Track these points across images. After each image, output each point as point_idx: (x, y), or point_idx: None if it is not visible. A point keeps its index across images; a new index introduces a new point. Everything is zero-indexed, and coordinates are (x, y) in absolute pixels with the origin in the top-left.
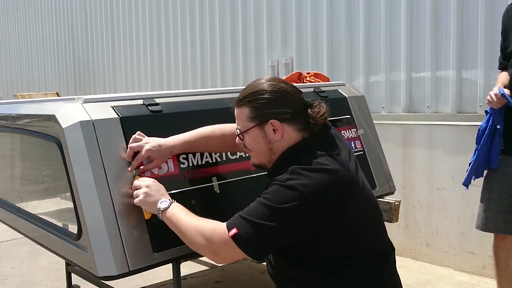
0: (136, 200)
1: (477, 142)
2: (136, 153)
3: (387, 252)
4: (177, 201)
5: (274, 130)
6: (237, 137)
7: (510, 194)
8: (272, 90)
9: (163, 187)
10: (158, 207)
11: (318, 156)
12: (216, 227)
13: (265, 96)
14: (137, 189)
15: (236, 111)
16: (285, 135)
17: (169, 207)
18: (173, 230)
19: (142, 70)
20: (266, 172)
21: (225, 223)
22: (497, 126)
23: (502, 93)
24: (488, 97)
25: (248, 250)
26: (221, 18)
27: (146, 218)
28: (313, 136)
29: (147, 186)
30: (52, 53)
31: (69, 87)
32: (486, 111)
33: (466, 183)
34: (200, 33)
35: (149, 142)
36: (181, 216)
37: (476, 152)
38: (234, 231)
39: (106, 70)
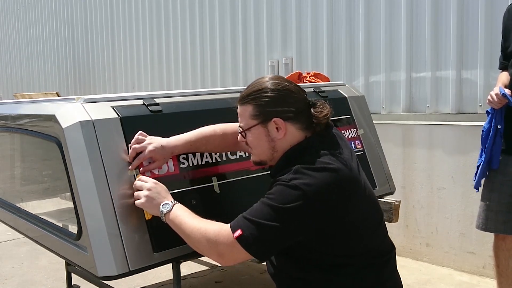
0: (137, 203)
1: (483, 144)
2: (138, 152)
3: (388, 252)
4: (177, 201)
5: (277, 128)
6: (240, 135)
7: (510, 194)
8: (276, 89)
9: (165, 188)
10: (160, 210)
11: (321, 155)
12: (221, 229)
13: (269, 94)
14: (138, 190)
15: (239, 109)
16: (288, 133)
17: (171, 209)
18: (177, 232)
19: (142, 70)
20: (267, 172)
21: (229, 224)
22: (498, 126)
23: (503, 93)
24: (489, 97)
25: (253, 251)
26: (221, 18)
27: (146, 218)
28: (316, 136)
29: (148, 189)
30: (52, 53)
31: (69, 87)
32: (487, 111)
33: (477, 186)
34: (200, 33)
35: (152, 143)
36: (184, 219)
37: (483, 153)
38: (238, 232)
39: (106, 70)
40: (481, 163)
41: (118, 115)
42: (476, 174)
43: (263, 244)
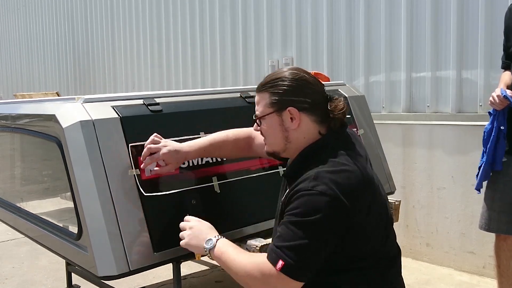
0: (182, 243)
1: (484, 145)
2: (152, 153)
3: (395, 255)
4: (177, 201)
5: (291, 118)
6: (255, 123)
7: None
8: (293, 78)
9: (208, 225)
10: (204, 247)
11: (337, 155)
12: (263, 265)
13: (286, 83)
14: (182, 230)
15: (256, 97)
16: (302, 124)
17: (215, 246)
18: (224, 268)
19: (142, 70)
20: (267, 172)
21: (266, 259)
22: (501, 127)
23: (504, 95)
24: (491, 99)
25: (301, 275)
26: (221, 18)
27: (196, 259)
28: (331, 134)
29: (190, 228)
30: (52, 53)
31: (69, 86)
32: (489, 113)
33: (478, 187)
34: (200, 33)
35: (166, 146)
36: (230, 256)
37: (485, 155)
38: (280, 263)
39: (106, 70)
40: (482, 164)
41: (118, 115)
42: (477, 175)
43: (308, 265)
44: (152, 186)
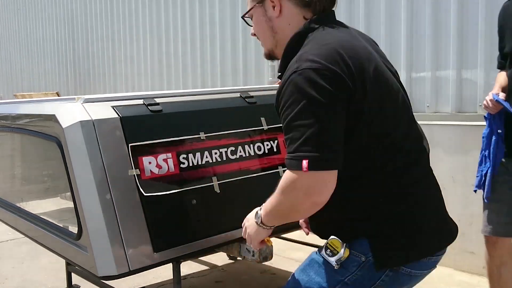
0: (253, 245)
1: (485, 149)
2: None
3: (417, 150)
4: (177, 201)
5: (273, 7)
6: (251, 29)
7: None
8: None
9: (252, 212)
10: (260, 226)
11: (323, 35)
12: (290, 178)
13: None
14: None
15: None
16: (284, 11)
17: (260, 216)
18: (279, 221)
19: (142, 70)
20: (266, 172)
21: (289, 171)
22: (499, 131)
23: (496, 99)
24: (484, 102)
25: (331, 162)
26: (221, 18)
27: (270, 244)
28: (315, 18)
29: (244, 227)
30: (52, 53)
31: (69, 86)
32: (484, 117)
33: (488, 196)
34: (200, 33)
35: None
36: (271, 207)
37: (488, 160)
38: (304, 163)
39: (106, 69)
40: (488, 170)
41: (118, 115)
42: (483, 182)
43: (331, 148)
44: (152, 186)
